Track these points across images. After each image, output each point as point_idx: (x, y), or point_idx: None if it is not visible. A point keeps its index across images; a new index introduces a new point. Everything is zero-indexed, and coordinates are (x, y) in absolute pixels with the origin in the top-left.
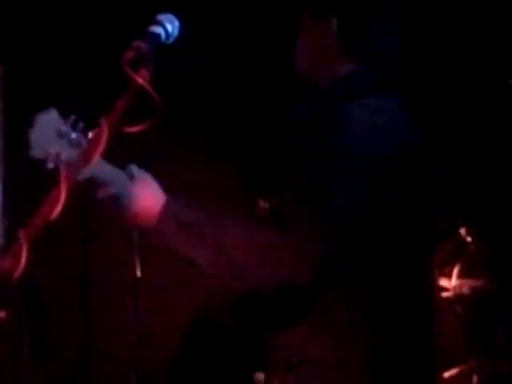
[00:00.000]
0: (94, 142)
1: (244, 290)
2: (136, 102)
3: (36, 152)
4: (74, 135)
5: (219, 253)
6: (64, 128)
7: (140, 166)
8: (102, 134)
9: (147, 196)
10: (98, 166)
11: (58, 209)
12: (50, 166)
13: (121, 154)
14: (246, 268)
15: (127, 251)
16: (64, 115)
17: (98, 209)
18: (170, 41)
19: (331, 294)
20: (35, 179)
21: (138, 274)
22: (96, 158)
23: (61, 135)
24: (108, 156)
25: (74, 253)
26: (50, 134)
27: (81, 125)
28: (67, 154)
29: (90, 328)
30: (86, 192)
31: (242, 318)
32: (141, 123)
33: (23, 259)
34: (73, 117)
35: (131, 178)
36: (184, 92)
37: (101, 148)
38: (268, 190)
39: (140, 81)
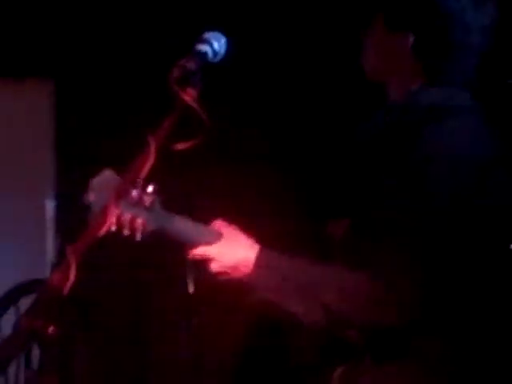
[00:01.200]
0: (141, 160)
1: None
2: (183, 120)
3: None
4: (134, 192)
5: (314, 301)
6: (122, 187)
7: (202, 186)
8: (150, 152)
9: (236, 250)
10: (183, 225)
11: (105, 228)
12: (115, 226)
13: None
14: (344, 315)
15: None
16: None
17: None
18: (218, 59)
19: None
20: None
21: (191, 290)
22: (143, 175)
23: (120, 196)
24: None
25: (125, 268)
26: (109, 197)
27: (139, 180)
28: (129, 213)
29: (144, 344)
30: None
31: (323, 354)
32: (188, 141)
33: (72, 275)
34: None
35: (218, 233)
36: (241, 109)
37: (148, 166)
38: (337, 212)
39: (187, 99)
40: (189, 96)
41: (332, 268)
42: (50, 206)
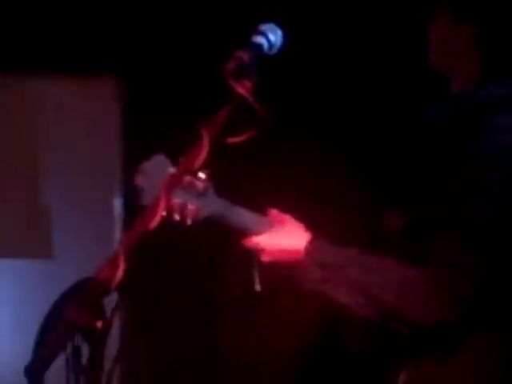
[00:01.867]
0: (194, 153)
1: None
2: (238, 112)
3: (148, 201)
4: (186, 178)
5: (366, 294)
6: (174, 176)
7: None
8: (203, 145)
9: (290, 238)
10: (236, 213)
11: (155, 222)
12: (167, 213)
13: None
14: (398, 309)
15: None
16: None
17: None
18: (273, 51)
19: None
20: None
21: (258, 288)
22: (196, 169)
23: (171, 183)
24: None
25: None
26: (160, 183)
27: (198, 171)
28: (181, 198)
29: (210, 341)
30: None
31: (373, 346)
32: (242, 134)
33: (121, 269)
34: (197, 168)
35: (272, 221)
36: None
37: (201, 158)
38: (397, 201)
39: (242, 91)
40: (244, 88)
41: (387, 261)
42: (117, 203)
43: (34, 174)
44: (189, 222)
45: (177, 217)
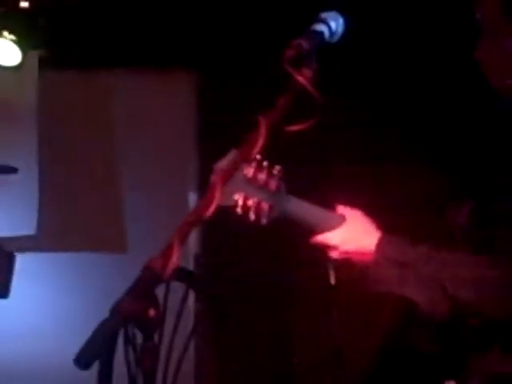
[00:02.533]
0: (251, 141)
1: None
2: (298, 101)
3: (225, 201)
4: (260, 176)
5: (438, 291)
6: (250, 171)
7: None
8: (260, 133)
9: (360, 235)
10: (307, 210)
11: (211, 210)
12: (239, 212)
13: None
14: (475, 305)
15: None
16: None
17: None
18: (335, 39)
19: None
20: None
21: (333, 281)
22: (254, 158)
23: (248, 180)
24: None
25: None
26: (237, 181)
27: (264, 163)
28: (255, 197)
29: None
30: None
31: (444, 341)
32: (302, 122)
33: (175, 259)
34: (257, 157)
35: (342, 217)
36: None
37: (259, 147)
38: (464, 194)
39: (301, 80)
40: (303, 77)
41: (458, 256)
42: (192, 197)
43: (112, 170)
44: (264, 221)
45: (252, 216)
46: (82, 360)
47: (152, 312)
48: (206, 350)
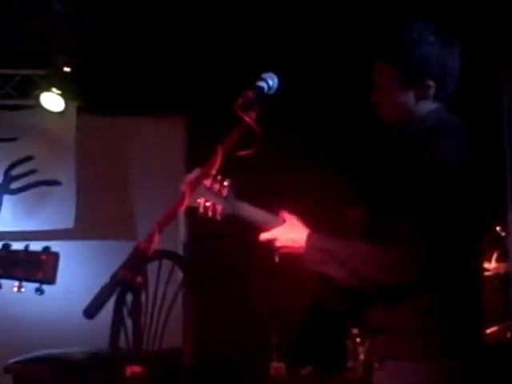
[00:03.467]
0: (211, 162)
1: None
2: (244, 135)
3: (191, 203)
4: (214, 185)
5: (350, 269)
6: (208, 182)
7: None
8: (217, 157)
9: (294, 232)
10: (253, 212)
11: (181, 209)
12: (201, 210)
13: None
14: (369, 277)
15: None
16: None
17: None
18: (272, 92)
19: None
20: None
21: (276, 260)
22: (212, 174)
23: (205, 188)
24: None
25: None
26: (200, 189)
27: (219, 177)
28: (211, 200)
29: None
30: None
31: (347, 301)
32: (248, 149)
33: (155, 243)
34: (213, 172)
35: (281, 219)
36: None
37: (215, 166)
38: (359, 199)
39: (248, 120)
40: (249, 118)
41: (358, 244)
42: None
43: (126, 184)
44: (218, 217)
45: (210, 213)
46: (88, 313)
47: (139, 279)
48: (188, 308)
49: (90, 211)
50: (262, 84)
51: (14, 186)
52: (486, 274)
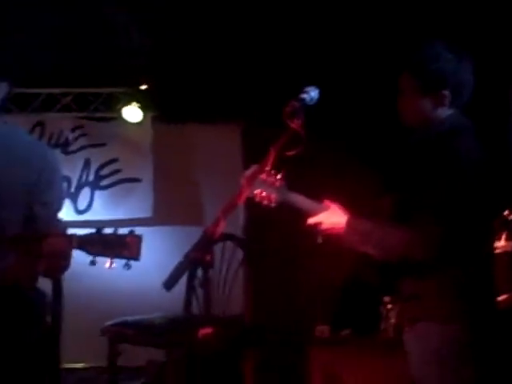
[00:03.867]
0: (265, 161)
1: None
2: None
3: (249, 194)
4: (270, 179)
5: (382, 247)
6: (263, 176)
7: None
8: (269, 157)
9: (336, 217)
10: (301, 200)
11: (241, 199)
12: (257, 199)
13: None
14: (400, 254)
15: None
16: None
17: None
18: (313, 102)
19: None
20: None
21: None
22: (266, 169)
23: (261, 180)
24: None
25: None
26: (257, 182)
27: (272, 172)
28: (266, 191)
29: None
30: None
31: (381, 274)
32: (294, 150)
33: (220, 227)
34: (267, 169)
35: (325, 206)
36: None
37: (269, 164)
38: (391, 190)
39: (294, 126)
40: (295, 124)
41: (388, 227)
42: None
43: (194, 180)
44: (272, 205)
45: (265, 202)
46: (167, 285)
47: (208, 257)
48: (247, 281)
49: (164, 202)
50: (305, 96)
51: (103, 183)
52: (497, 251)
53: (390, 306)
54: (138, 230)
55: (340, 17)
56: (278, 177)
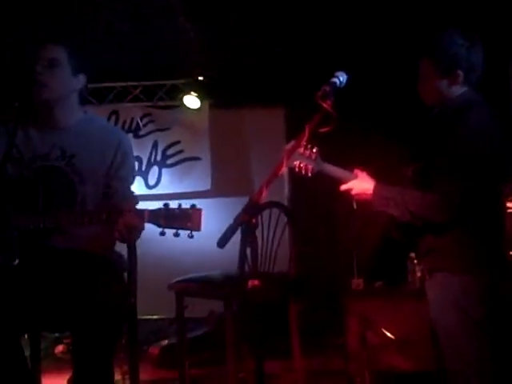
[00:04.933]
0: (301, 136)
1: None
2: (324, 117)
3: (288, 165)
4: (307, 153)
5: (405, 210)
6: (300, 150)
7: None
8: (305, 134)
9: (364, 184)
10: (334, 170)
11: (282, 170)
12: (296, 170)
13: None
14: (420, 215)
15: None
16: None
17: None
18: (342, 85)
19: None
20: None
21: (355, 206)
22: (303, 144)
23: (299, 154)
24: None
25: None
26: (295, 155)
27: (309, 146)
28: (304, 162)
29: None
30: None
31: (406, 233)
32: (326, 127)
33: (264, 195)
34: (304, 143)
35: (355, 174)
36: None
37: (305, 139)
38: (414, 160)
39: (325, 106)
40: (326, 105)
41: (415, 192)
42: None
43: (244, 155)
44: (309, 174)
45: (303, 172)
46: (220, 244)
47: (254, 220)
48: (291, 242)
49: (221, 177)
50: (335, 80)
51: (169, 161)
52: (508, 211)
53: (415, 261)
54: (199, 202)
55: (365, 13)
56: (314, 150)
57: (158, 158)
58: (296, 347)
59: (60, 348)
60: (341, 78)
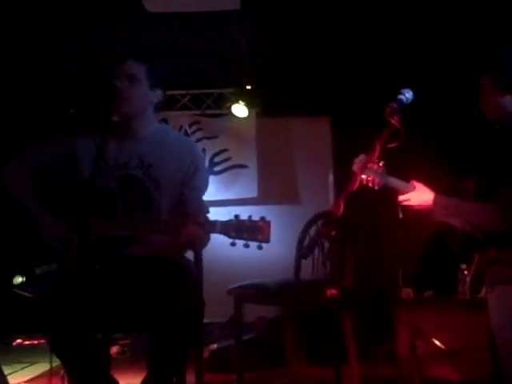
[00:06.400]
0: (373, 152)
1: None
2: (393, 133)
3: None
4: (374, 166)
5: (465, 220)
6: (370, 164)
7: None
8: (376, 149)
9: (424, 194)
10: (396, 182)
11: (356, 184)
12: (364, 183)
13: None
14: (480, 226)
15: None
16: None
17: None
18: (409, 102)
19: None
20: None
21: (400, 215)
22: (374, 159)
23: (369, 168)
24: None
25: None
26: (363, 168)
27: (377, 160)
28: (372, 176)
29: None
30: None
31: (465, 246)
32: (395, 143)
33: (341, 208)
34: (374, 159)
35: (414, 186)
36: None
37: (375, 156)
38: (473, 174)
39: (394, 122)
40: (395, 121)
41: (472, 203)
42: (330, 179)
43: (290, 165)
44: (376, 187)
45: (370, 184)
46: (303, 255)
47: (332, 232)
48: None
49: (267, 185)
50: (402, 97)
51: (217, 169)
52: None
53: (465, 272)
54: (245, 209)
55: (426, 27)
56: (381, 164)
57: (206, 165)
58: (352, 354)
59: (115, 349)
60: (407, 94)
